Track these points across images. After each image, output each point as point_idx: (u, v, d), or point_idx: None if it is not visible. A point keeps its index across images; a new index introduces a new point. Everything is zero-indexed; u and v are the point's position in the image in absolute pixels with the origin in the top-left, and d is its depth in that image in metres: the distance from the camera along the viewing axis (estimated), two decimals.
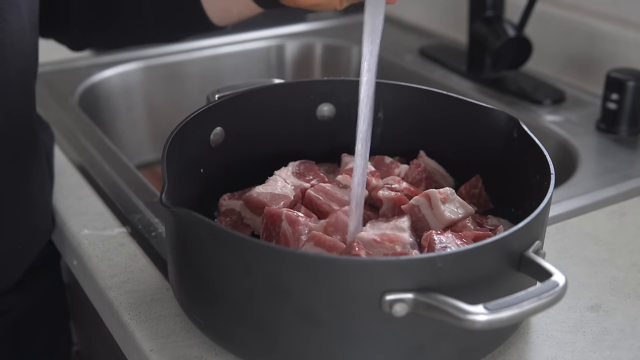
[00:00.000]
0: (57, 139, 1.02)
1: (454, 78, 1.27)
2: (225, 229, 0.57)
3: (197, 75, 1.37)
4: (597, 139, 1.04)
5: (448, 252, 0.56)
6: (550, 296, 0.53)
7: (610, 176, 0.93)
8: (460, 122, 0.78)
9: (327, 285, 0.54)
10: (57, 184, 0.91)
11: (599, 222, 0.84)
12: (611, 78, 1.03)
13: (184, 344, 0.64)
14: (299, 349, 0.58)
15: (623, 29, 1.16)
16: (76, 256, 0.80)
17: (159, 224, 0.82)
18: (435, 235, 0.65)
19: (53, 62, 1.27)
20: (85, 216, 0.84)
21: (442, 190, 0.70)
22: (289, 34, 1.48)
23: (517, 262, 0.58)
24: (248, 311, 0.58)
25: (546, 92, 1.17)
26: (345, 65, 1.46)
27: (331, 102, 0.82)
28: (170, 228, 0.64)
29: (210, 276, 0.60)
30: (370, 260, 0.55)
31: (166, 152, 0.65)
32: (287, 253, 0.57)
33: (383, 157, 0.81)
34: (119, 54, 1.32)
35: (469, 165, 0.78)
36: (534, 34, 1.21)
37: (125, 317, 0.68)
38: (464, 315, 0.51)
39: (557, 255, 0.77)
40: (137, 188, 0.89)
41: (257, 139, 0.80)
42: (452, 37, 1.43)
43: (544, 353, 0.64)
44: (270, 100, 0.79)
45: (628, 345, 0.65)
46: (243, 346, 0.61)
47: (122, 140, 1.30)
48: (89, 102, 1.22)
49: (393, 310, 0.53)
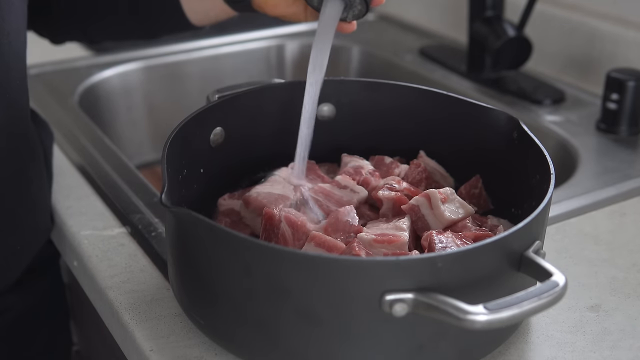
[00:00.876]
0: (57, 139, 1.02)
1: (454, 78, 1.27)
2: (225, 229, 0.57)
3: (197, 75, 1.37)
4: (597, 139, 1.04)
5: (448, 252, 0.56)
6: (550, 296, 0.53)
7: (610, 176, 0.93)
8: (460, 122, 0.78)
9: (327, 285, 0.54)
10: (57, 184, 0.91)
11: (599, 222, 0.84)
12: (611, 78, 1.03)
13: (184, 344, 0.64)
14: (298, 348, 0.58)
15: (623, 29, 1.16)
16: (76, 256, 0.80)
17: (159, 224, 0.82)
18: (435, 235, 0.65)
19: (53, 62, 1.27)
20: (85, 216, 0.84)
21: (442, 190, 0.70)
22: (289, 34, 1.48)
23: (517, 262, 0.58)
24: (248, 311, 0.58)
25: (546, 92, 1.17)
26: (345, 65, 1.46)
27: (331, 102, 0.82)
28: (170, 228, 0.64)
29: (210, 276, 0.60)
30: (370, 260, 0.55)
31: (166, 152, 0.65)
32: (287, 253, 0.57)
33: (383, 157, 0.81)
34: (119, 54, 1.32)
35: (469, 165, 0.78)
36: (534, 34, 1.21)
37: (125, 317, 0.68)
38: (464, 315, 0.51)
39: (557, 255, 0.77)
40: (137, 188, 0.89)
41: (257, 139, 0.80)
42: (452, 37, 1.43)
43: (544, 353, 0.64)
44: (270, 100, 0.79)
45: (628, 345, 0.65)
46: (243, 346, 0.61)
47: (122, 140, 1.30)
48: (89, 102, 1.22)
49: (393, 310, 0.53)
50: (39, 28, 0.92)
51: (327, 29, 0.72)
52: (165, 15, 0.88)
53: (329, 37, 0.72)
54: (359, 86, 0.82)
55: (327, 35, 0.72)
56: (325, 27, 0.72)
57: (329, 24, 0.72)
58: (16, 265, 0.82)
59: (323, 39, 0.72)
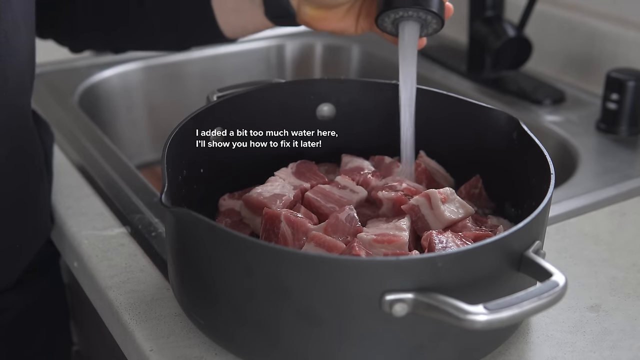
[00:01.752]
0: (57, 139, 1.02)
1: (454, 78, 1.27)
2: (225, 229, 0.57)
3: (197, 75, 1.37)
4: (597, 139, 1.04)
5: (448, 252, 0.56)
6: (550, 296, 0.53)
7: (610, 176, 0.93)
8: (460, 122, 0.78)
9: (327, 285, 0.54)
10: (57, 184, 0.91)
11: (599, 222, 0.84)
12: (611, 78, 1.03)
13: (184, 344, 0.64)
14: (299, 349, 0.58)
15: (623, 29, 1.16)
16: (76, 256, 0.80)
17: (159, 224, 0.82)
18: (435, 235, 0.65)
19: (53, 62, 1.27)
20: (85, 216, 0.84)
21: (442, 190, 0.70)
22: (289, 34, 1.48)
23: (517, 262, 0.58)
24: (248, 311, 0.58)
25: (546, 92, 1.17)
26: (345, 65, 1.46)
27: (331, 102, 0.82)
28: (170, 228, 0.64)
29: (210, 276, 0.60)
30: (370, 260, 0.55)
31: (166, 152, 0.65)
32: (287, 253, 0.57)
33: (383, 157, 0.81)
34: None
35: (469, 165, 0.78)
36: (534, 34, 1.21)
37: (125, 317, 0.68)
38: (464, 315, 0.51)
39: (557, 255, 0.77)
40: (137, 188, 0.89)
41: (257, 139, 0.80)
42: (452, 37, 1.43)
43: (544, 353, 0.64)
44: (270, 100, 0.79)
45: (628, 345, 0.65)
46: (243, 346, 0.61)
47: (122, 140, 1.30)
48: (89, 102, 1.22)
49: (393, 310, 0.53)
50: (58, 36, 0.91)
51: (410, 52, 0.73)
52: (199, 31, 0.86)
53: (413, 60, 0.73)
54: (359, 86, 0.82)
55: (411, 58, 0.73)
56: (407, 51, 0.73)
57: (410, 47, 0.73)
58: (16, 264, 0.82)
59: (408, 62, 0.73)
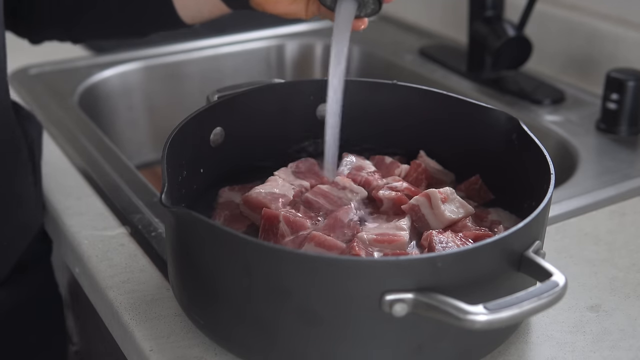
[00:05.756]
0: (57, 139, 1.02)
1: (454, 78, 1.27)
2: (225, 228, 0.57)
3: (197, 75, 1.37)
4: (597, 139, 1.04)
5: (448, 252, 0.56)
6: (550, 296, 0.53)
7: (610, 176, 0.93)
8: (460, 122, 0.78)
9: (327, 285, 0.54)
10: (57, 184, 0.91)
11: (599, 222, 0.84)
12: (611, 78, 1.03)
13: (184, 344, 0.64)
14: (298, 348, 0.58)
15: (623, 29, 1.16)
16: (76, 256, 0.80)
17: (159, 224, 0.82)
18: (435, 235, 0.65)
19: (53, 62, 1.27)
20: (85, 216, 0.84)
21: (442, 190, 0.70)
22: (289, 34, 1.48)
23: (517, 262, 0.58)
24: (248, 311, 0.58)
25: (546, 92, 1.17)
26: (346, 65, 1.46)
27: None
28: (170, 228, 0.64)
29: (210, 276, 0.60)
30: (370, 260, 0.55)
31: (166, 152, 0.65)
32: (286, 253, 0.57)
33: (383, 157, 0.81)
34: (119, 54, 1.32)
35: (469, 165, 0.78)
36: (534, 34, 1.21)
37: (125, 317, 0.68)
38: (464, 315, 0.51)
39: (557, 255, 0.77)
40: (137, 188, 0.89)
41: (257, 138, 0.80)
42: (452, 37, 1.43)
43: (544, 353, 0.64)
44: (270, 100, 0.79)
45: (628, 345, 0.65)
46: (243, 346, 0.61)
47: (122, 140, 1.30)
48: (89, 102, 1.21)
49: (393, 310, 0.53)
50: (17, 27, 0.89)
51: (344, 28, 0.75)
52: (154, 12, 0.85)
53: (346, 36, 0.75)
54: (359, 86, 0.82)
55: (345, 34, 0.75)
56: (342, 27, 0.75)
57: (345, 23, 0.75)
58: (3, 261, 0.81)
59: (341, 38, 0.75)
